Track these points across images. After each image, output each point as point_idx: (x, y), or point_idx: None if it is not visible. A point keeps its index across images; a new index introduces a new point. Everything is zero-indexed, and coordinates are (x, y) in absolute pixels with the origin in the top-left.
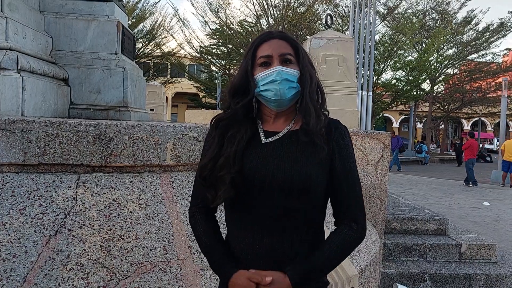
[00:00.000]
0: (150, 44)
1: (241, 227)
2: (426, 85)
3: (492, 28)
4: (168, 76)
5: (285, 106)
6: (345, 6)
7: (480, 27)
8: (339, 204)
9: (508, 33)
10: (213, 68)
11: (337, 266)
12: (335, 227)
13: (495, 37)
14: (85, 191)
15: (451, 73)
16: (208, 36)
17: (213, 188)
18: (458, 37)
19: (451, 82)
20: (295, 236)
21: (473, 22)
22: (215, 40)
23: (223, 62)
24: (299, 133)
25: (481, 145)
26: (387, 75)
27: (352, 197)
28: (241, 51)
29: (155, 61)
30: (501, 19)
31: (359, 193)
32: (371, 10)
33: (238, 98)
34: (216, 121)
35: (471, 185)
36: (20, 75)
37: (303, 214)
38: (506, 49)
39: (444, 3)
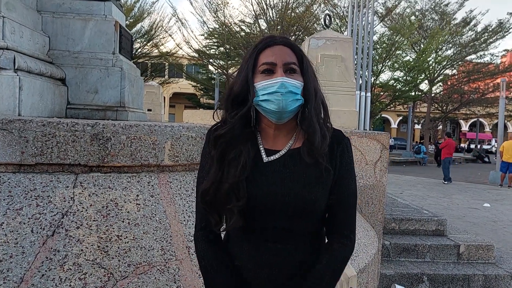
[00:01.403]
0: (148, 44)
1: (244, 239)
2: (424, 86)
3: (490, 29)
4: (166, 77)
5: (285, 118)
6: (343, 7)
7: (479, 28)
8: (333, 218)
9: (507, 34)
10: (211, 68)
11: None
12: (327, 241)
13: (493, 38)
14: (82, 191)
15: (450, 73)
16: (203, 37)
17: (216, 212)
18: (457, 38)
19: (449, 83)
20: (298, 245)
21: (472, 23)
22: (211, 42)
23: (221, 62)
24: (302, 151)
25: (479, 146)
26: (385, 76)
27: (348, 215)
28: (240, 51)
29: (153, 61)
30: (500, 20)
31: (353, 209)
32: (369, 11)
33: (236, 108)
34: (215, 139)
35: (445, 183)
36: (17, 75)
37: (305, 230)
38: (504, 50)
39: (444, 4)
